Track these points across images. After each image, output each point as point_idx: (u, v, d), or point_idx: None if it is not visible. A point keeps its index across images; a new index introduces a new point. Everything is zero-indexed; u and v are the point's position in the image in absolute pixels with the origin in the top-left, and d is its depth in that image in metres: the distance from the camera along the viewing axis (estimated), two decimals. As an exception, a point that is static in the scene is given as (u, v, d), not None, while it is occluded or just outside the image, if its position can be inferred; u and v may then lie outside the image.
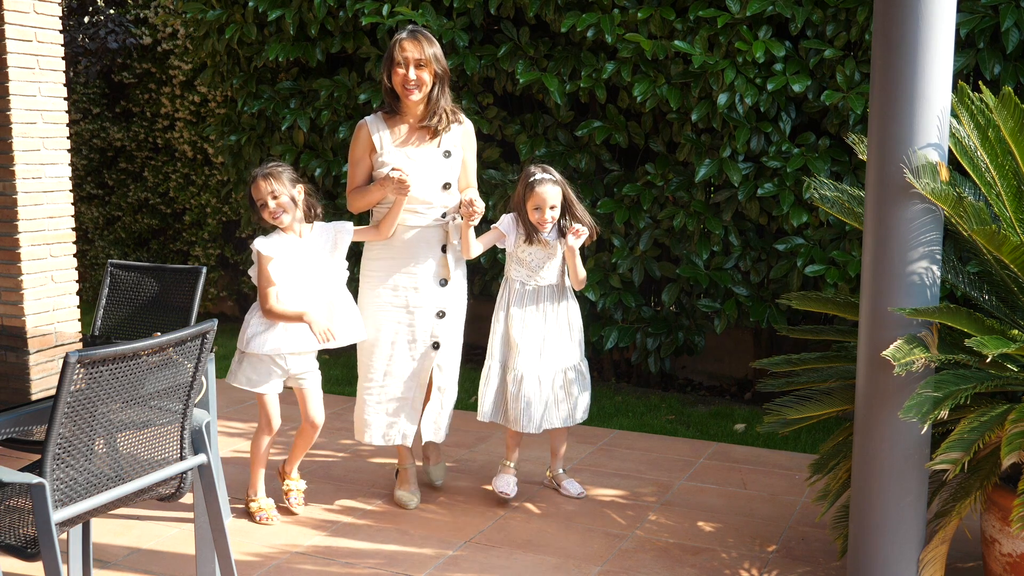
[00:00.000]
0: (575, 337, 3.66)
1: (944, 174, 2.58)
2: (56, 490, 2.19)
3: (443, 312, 3.56)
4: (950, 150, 2.72)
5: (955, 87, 2.80)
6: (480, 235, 3.59)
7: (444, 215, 3.53)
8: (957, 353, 2.57)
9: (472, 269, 5.19)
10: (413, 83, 3.41)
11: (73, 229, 4.46)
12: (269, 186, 3.34)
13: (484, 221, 4.16)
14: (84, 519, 2.33)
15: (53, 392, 2.49)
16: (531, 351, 3.55)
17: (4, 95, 4.15)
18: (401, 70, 3.41)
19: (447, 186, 3.51)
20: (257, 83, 6.01)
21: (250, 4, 5.58)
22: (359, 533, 3.41)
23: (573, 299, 3.69)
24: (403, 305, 3.53)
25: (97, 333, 3.70)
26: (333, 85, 5.62)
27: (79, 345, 3.39)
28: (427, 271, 3.53)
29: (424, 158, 3.49)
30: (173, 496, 2.60)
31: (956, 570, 3.09)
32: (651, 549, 3.28)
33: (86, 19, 7.58)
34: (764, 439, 4.49)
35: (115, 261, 3.80)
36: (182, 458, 2.56)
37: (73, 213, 4.46)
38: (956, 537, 3.24)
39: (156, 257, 7.75)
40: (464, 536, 3.38)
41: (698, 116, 4.71)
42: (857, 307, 2.98)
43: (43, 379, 2.89)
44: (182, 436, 2.54)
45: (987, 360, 2.50)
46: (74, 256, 4.47)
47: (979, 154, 2.74)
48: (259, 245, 3.34)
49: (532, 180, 3.51)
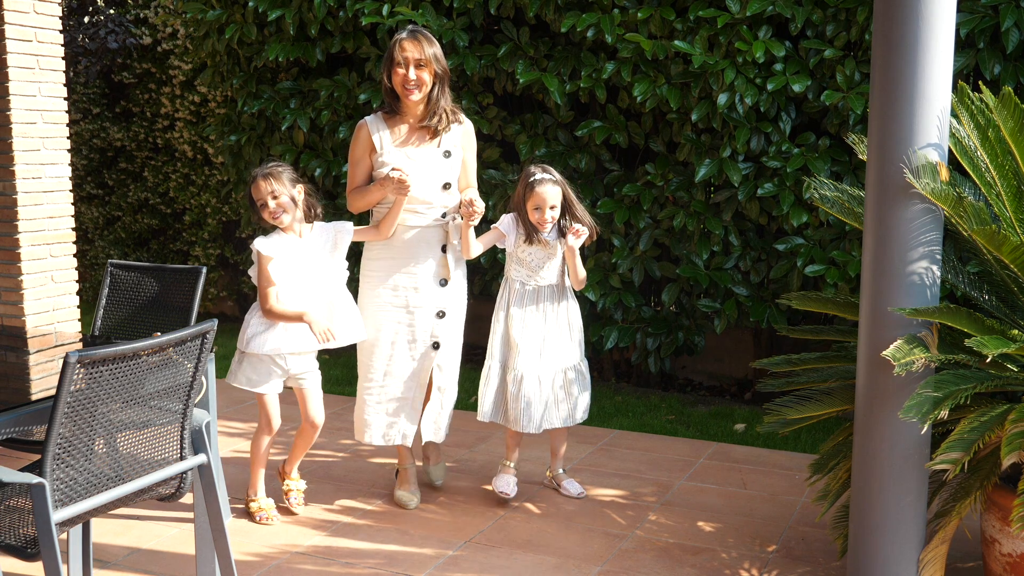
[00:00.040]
0: (575, 337, 3.66)
1: (944, 174, 2.58)
2: (56, 490, 2.19)
3: (443, 312, 3.56)
4: (950, 150, 2.72)
5: (955, 87, 2.80)
6: (480, 235, 3.59)
7: (444, 215, 3.53)
8: (957, 353, 2.57)
9: (472, 269, 5.19)
10: (413, 83, 3.41)
11: (73, 229, 4.46)
12: (269, 186, 3.34)
13: (484, 221, 4.16)
14: (84, 519, 2.33)
15: (53, 392, 2.49)
16: (531, 351, 3.55)
17: (4, 95, 4.15)
18: (401, 70, 3.41)
19: (447, 186, 3.51)
20: (257, 83, 6.01)
21: (250, 4, 5.58)
22: (359, 533, 3.42)
23: (573, 299, 3.68)
24: (403, 305, 3.53)
25: (97, 333, 3.70)
26: (333, 85, 5.62)
27: (79, 345, 3.39)
28: (427, 271, 3.53)
29: (424, 158, 3.49)
30: (173, 496, 2.60)
31: (956, 570, 3.09)
32: (651, 549, 3.28)
33: (86, 19, 7.58)
34: (764, 439, 4.49)
35: (115, 261, 3.80)
36: (182, 458, 2.56)
37: (73, 213, 4.46)
38: (956, 537, 3.24)
39: (156, 257, 7.75)
40: (464, 536, 3.38)
41: (698, 116, 4.71)
42: (857, 307, 2.98)
43: (43, 379, 2.89)
44: (182, 436, 2.54)
45: (987, 360, 2.50)
46: (74, 256, 4.47)
47: (979, 154, 2.74)
48: (259, 245, 3.34)
49: (532, 180, 3.51)
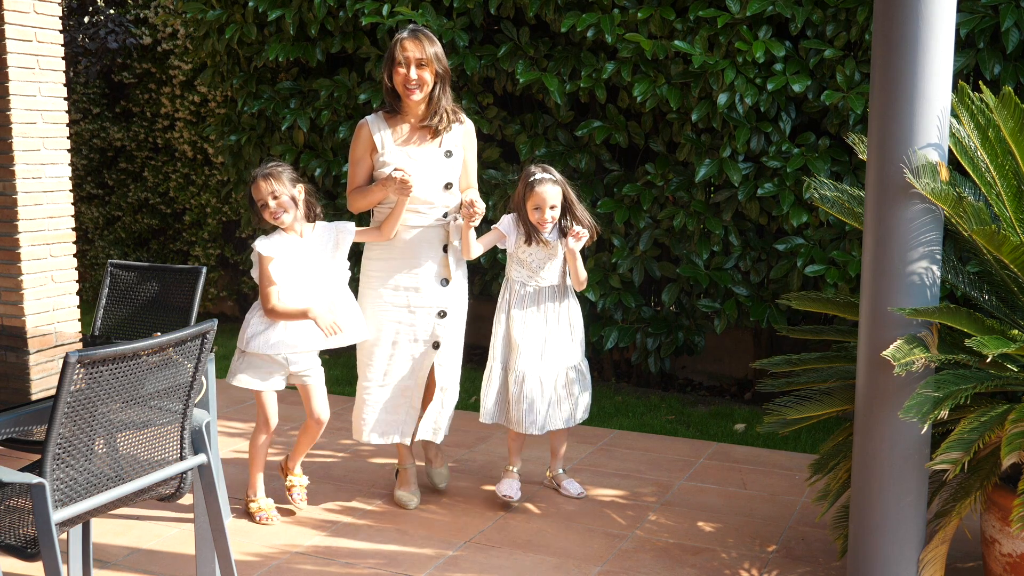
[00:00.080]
0: (576, 337, 3.65)
1: (944, 174, 2.58)
2: (56, 490, 2.19)
3: (444, 312, 3.56)
4: (950, 150, 2.72)
5: (955, 87, 2.80)
6: (480, 236, 3.59)
7: (446, 215, 3.53)
8: (957, 353, 2.57)
9: (472, 269, 5.19)
10: (414, 83, 3.40)
11: (73, 229, 4.46)
12: (269, 186, 3.34)
13: (484, 221, 4.17)
14: (84, 519, 2.33)
15: (53, 392, 2.49)
16: (532, 352, 3.55)
17: (4, 95, 4.15)
18: (402, 70, 3.40)
19: (449, 186, 3.51)
20: (257, 83, 6.01)
21: (250, 4, 5.58)
22: (359, 533, 3.41)
23: (574, 299, 3.68)
24: (404, 305, 3.53)
25: (97, 333, 3.70)
26: (333, 85, 5.62)
27: (79, 345, 3.39)
28: (428, 271, 3.53)
29: (426, 158, 3.49)
30: (173, 496, 2.60)
31: (956, 570, 3.09)
32: (651, 549, 3.28)
33: (86, 19, 7.58)
34: (764, 439, 4.49)
35: (115, 261, 3.79)
36: (182, 458, 2.56)
37: (73, 213, 4.46)
38: (956, 537, 3.24)
39: (156, 257, 7.75)
40: (464, 536, 3.38)
41: (698, 116, 4.71)
42: (857, 307, 2.98)
43: (43, 379, 2.89)
44: (182, 436, 2.54)
45: (987, 360, 2.50)
46: (74, 256, 4.47)
47: (979, 154, 2.74)
48: (259, 245, 3.34)
49: (532, 180, 3.51)
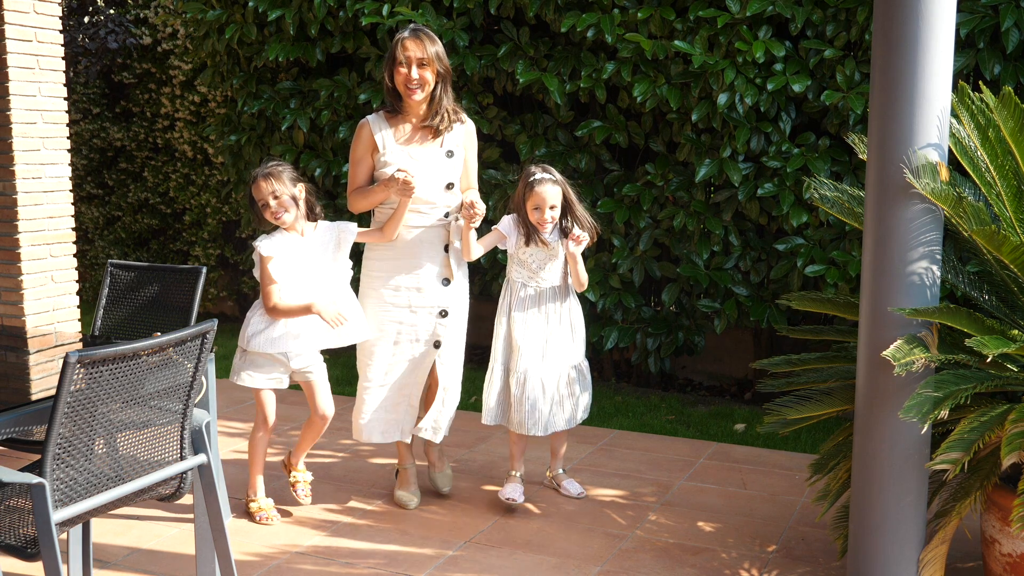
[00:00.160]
0: (577, 337, 3.65)
1: (944, 174, 2.58)
2: (56, 490, 2.19)
3: (445, 312, 3.55)
4: (950, 150, 2.72)
5: (955, 87, 2.80)
6: (480, 236, 3.59)
7: (447, 215, 3.52)
8: (957, 353, 2.57)
9: (472, 269, 5.18)
10: (416, 82, 3.40)
11: (73, 229, 4.46)
12: (270, 186, 3.34)
13: (484, 221, 4.16)
14: (84, 519, 2.33)
15: (53, 392, 2.48)
16: (533, 352, 3.55)
17: (4, 95, 4.15)
18: (403, 69, 3.39)
19: (450, 186, 3.51)
20: (257, 83, 6.01)
21: (250, 4, 5.58)
22: (359, 533, 3.41)
23: (575, 299, 3.67)
24: (406, 305, 3.53)
25: (97, 333, 3.70)
26: (333, 85, 5.62)
27: (79, 345, 3.39)
28: (430, 271, 3.53)
29: (427, 158, 3.48)
30: (173, 496, 2.60)
31: (956, 570, 3.09)
32: (651, 549, 3.28)
33: (86, 19, 7.58)
34: (764, 439, 4.49)
35: (115, 261, 3.79)
36: (182, 458, 2.56)
37: (73, 213, 4.46)
38: (956, 537, 3.24)
39: (156, 257, 7.75)
40: (464, 536, 3.38)
41: (698, 116, 4.71)
42: (857, 307, 2.98)
43: (43, 379, 2.89)
44: (182, 436, 2.54)
45: (987, 360, 2.50)
46: (74, 256, 4.47)
47: (979, 154, 2.74)
48: (259, 245, 3.34)
49: (532, 180, 3.50)
